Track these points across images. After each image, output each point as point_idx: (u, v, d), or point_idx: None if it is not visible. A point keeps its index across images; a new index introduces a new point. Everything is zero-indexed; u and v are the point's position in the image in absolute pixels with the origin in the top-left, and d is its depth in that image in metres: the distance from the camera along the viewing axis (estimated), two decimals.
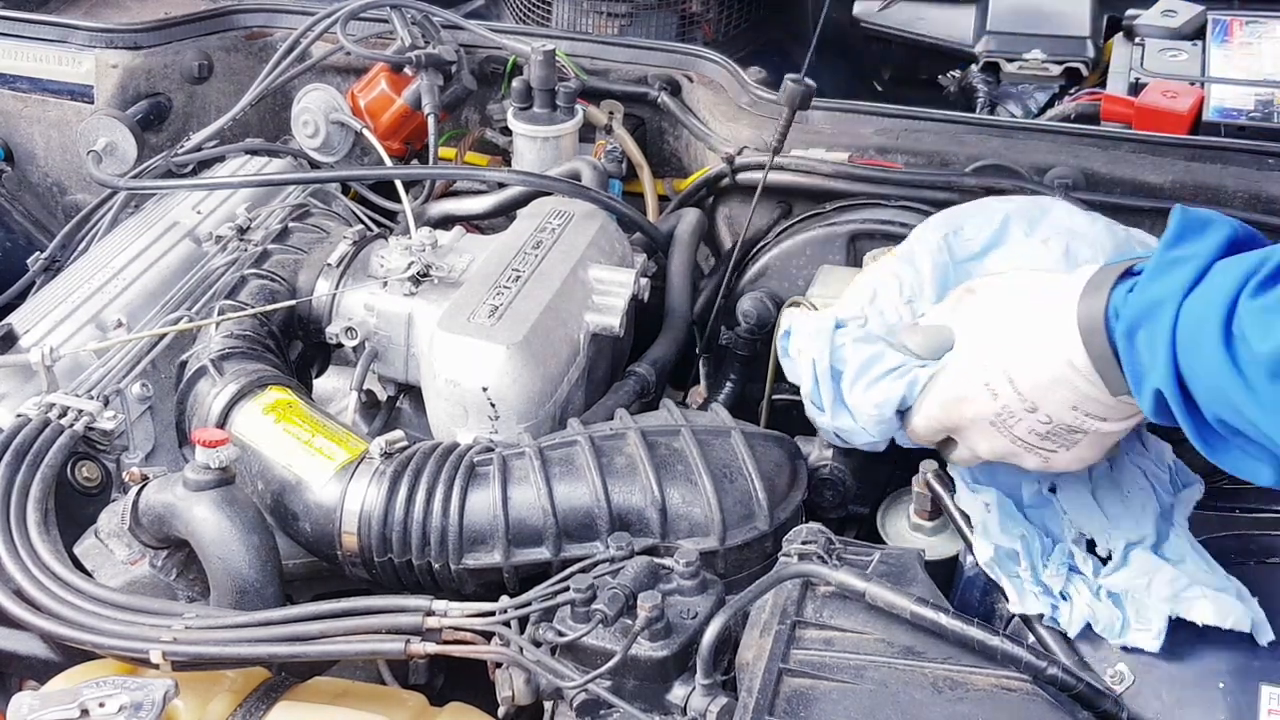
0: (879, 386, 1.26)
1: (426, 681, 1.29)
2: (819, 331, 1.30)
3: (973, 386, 1.15)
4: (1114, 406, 1.10)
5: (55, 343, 1.45)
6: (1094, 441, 1.14)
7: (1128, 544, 1.21)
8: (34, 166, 2.11)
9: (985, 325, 1.17)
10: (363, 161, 1.97)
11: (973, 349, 1.17)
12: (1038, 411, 1.12)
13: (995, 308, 1.18)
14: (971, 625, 1.05)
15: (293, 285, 1.57)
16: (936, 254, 1.32)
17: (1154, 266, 1.03)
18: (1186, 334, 0.98)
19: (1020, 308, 1.14)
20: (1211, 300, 0.98)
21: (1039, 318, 1.11)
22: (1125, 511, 1.23)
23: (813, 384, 1.30)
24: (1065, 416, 1.11)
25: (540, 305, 1.44)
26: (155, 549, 1.27)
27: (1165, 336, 0.99)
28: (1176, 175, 1.70)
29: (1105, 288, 1.06)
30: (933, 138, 1.80)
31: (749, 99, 1.90)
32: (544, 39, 1.94)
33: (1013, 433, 1.15)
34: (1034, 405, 1.12)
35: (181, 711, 1.11)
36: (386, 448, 1.31)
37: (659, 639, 1.08)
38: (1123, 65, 2.05)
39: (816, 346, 1.29)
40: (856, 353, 1.28)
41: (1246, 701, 1.10)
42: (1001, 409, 1.14)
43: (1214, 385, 0.97)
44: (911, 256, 1.33)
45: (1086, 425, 1.12)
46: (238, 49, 2.11)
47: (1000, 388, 1.13)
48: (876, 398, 1.25)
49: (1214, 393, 0.98)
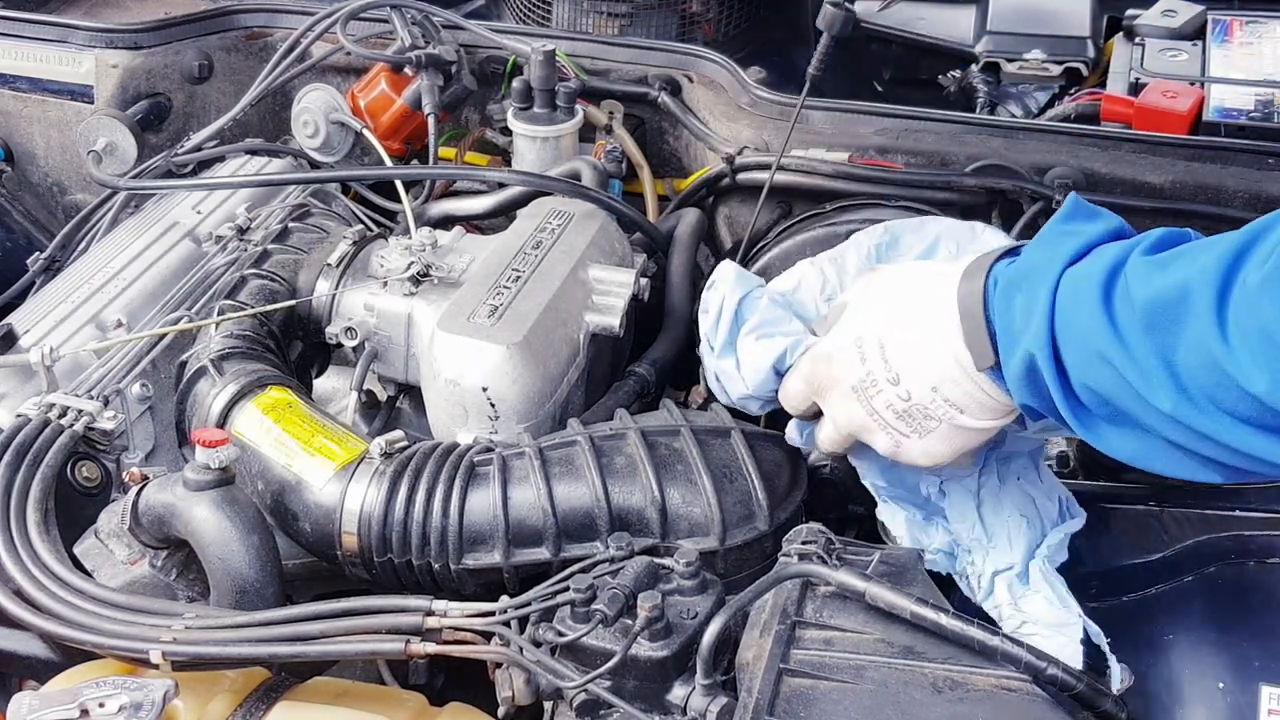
0: (768, 341, 1.28)
1: (426, 681, 1.29)
2: (741, 279, 1.32)
3: (843, 345, 1.17)
4: (974, 395, 1.10)
5: (55, 343, 1.45)
6: (947, 435, 1.14)
7: (995, 570, 1.22)
8: (34, 166, 2.11)
9: (871, 295, 1.19)
10: (363, 161, 1.97)
11: (853, 311, 1.19)
12: (899, 385, 1.12)
13: (887, 283, 1.19)
14: (971, 625, 1.05)
15: (293, 285, 1.57)
16: (864, 260, 1.34)
17: (1041, 237, 1.05)
18: (1065, 297, 0.99)
19: (908, 283, 1.16)
20: (1094, 265, 0.99)
21: (921, 291, 1.12)
22: (1001, 534, 1.24)
23: (714, 321, 1.32)
24: (924, 396, 1.12)
25: (540, 305, 1.44)
26: (155, 549, 1.27)
27: (1044, 299, 1.00)
28: (1176, 175, 1.70)
29: (988, 261, 1.08)
30: (933, 138, 1.80)
31: (749, 99, 1.90)
32: (544, 39, 1.95)
33: (871, 404, 1.15)
34: (896, 377, 1.12)
35: (181, 711, 1.11)
36: (386, 448, 1.31)
37: (659, 639, 1.08)
38: (1123, 65, 2.05)
39: (732, 290, 1.31)
40: (765, 309, 1.29)
41: (1246, 701, 1.11)
42: (865, 375, 1.15)
43: (1088, 346, 0.97)
44: (841, 258, 1.34)
45: (943, 413, 1.12)
46: (238, 49, 2.11)
47: (869, 351, 1.14)
48: (761, 349, 1.27)
49: (1088, 355, 0.98)
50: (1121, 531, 1.32)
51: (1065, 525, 1.26)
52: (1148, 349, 0.94)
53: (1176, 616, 1.20)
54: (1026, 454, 1.28)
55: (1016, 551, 1.23)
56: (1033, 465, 1.28)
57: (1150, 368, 0.94)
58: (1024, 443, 1.27)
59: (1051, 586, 1.20)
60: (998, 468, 1.27)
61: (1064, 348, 1.00)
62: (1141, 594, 1.25)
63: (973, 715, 1.00)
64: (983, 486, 1.25)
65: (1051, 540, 1.23)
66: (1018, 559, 1.22)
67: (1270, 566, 1.23)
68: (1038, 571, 1.22)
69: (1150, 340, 0.94)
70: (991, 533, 1.24)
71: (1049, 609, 1.18)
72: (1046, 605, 1.18)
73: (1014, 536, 1.23)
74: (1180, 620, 1.19)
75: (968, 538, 1.25)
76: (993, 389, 1.08)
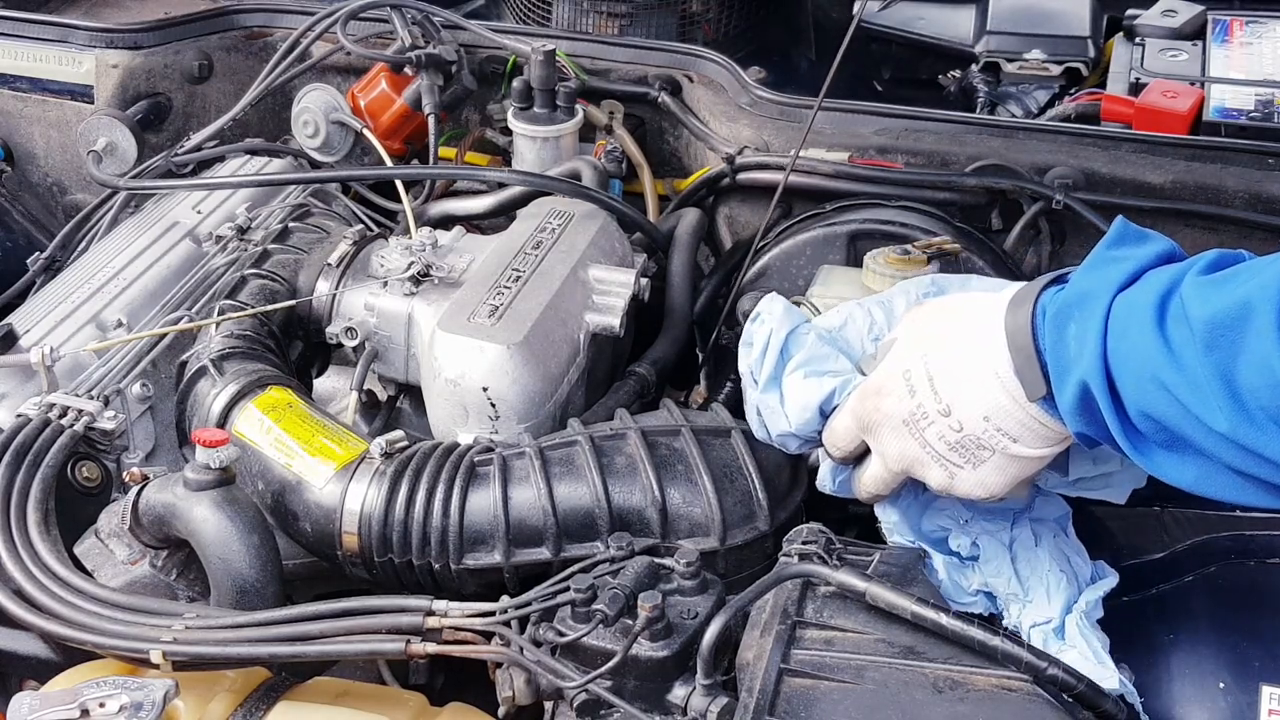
0: (815, 380, 1.25)
1: (427, 681, 1.30)
2: (789, 313, 1.30)
3: (892, 379, 1.15)
4: (1026, 424, 1.07)
5: (55, 343, 1.45)
6: (1001, 464, 1.11)
7: (1032, 624, 1.20)
8: (34, 166, 2.11)
9: (918, 328, 1.17)
10: (363, 161, 1.97)
11: (901, 344, 1.17)
12: (950, 416, 1.10)
13: (932, 314, 1.18)
14: (972, 625, 1.05)
15: (293, 285, 1.57)
16: (912, 304, 1.32)
17: (1089, 263, 1.03)
18: (1118, 322, 0.98)
19: (954, 314, 1.15)
20: (1147, 289, 0.98)
21: (968, 322, 1.11)
22: (1039, 588, 1.22)
23: (760, 354, 1.29)
24: (976, 427, 1.09)
25: (540, 305, 1.44)
26: (155, 549, 1.27)
27: (1096, 326, 0.99)
28: (1176, 175, 1.70)
29: (1035, 290, 1.06)
30: (933, 138, 1.80)
31: (749, 99, 1.89)
32: (544, 39, 1.95)
33: (923, 436, 1.12)
34: (948, 408, 1.10)
35: (181, 711, 1.11)
36: (387, 448, 1.31)
37: (659, 639, 1.08)
38: (1123, 65, 2.05)
39: (780, 323, 1.29)
40: (812, 346, 1.28)
41: (1246, 701, 1.11)
42: (916, 407, 1.12)
43: (1143, 371, 0.96)
44: (889, 301, 1.32)
45: (996, 442, 1.09)
46: (238, 49, 2.11)
47: (919, 384, 1.12)
48: (810, 387, 1.25)
49: (1143, 380, 0.96)
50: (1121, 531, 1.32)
51: (1102, 583, 1.24)
52: (1207, 369, 0.92)
53: (1176, 616, 1.20)
54: (1055, 519, 1.27)
55: (1054, 605, 1.20)
56: (1062, 528, 1.27)
57: (1208, 388, 0.92)
58: (1053, 508, 1.26)
59: (1088, 642, 1.18)
60: (1031, 525, 1.25)
61: (1118, 374, 0.98)
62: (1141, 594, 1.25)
63: (973, 715, 1.00)
64: (1015, 540, 1.23)
65: (1089, 596, 1.21)
66: (1055, 613, 1.20)
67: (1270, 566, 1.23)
68: (1074, 626, 1.20)
69: (1209, 360, 0.92)
70: (1028, 586, 1.22)
71: (1084, 664, 1.16)
72: (1082, 660, 1.16)
73: (1052, 591, 1.21)
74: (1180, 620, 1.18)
75: (1004, 591, 1.23)
76: (1046, 418, 1.06)
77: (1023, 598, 1.22)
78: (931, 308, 1.19)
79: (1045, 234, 1.74)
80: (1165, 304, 0.96)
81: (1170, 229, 1.71)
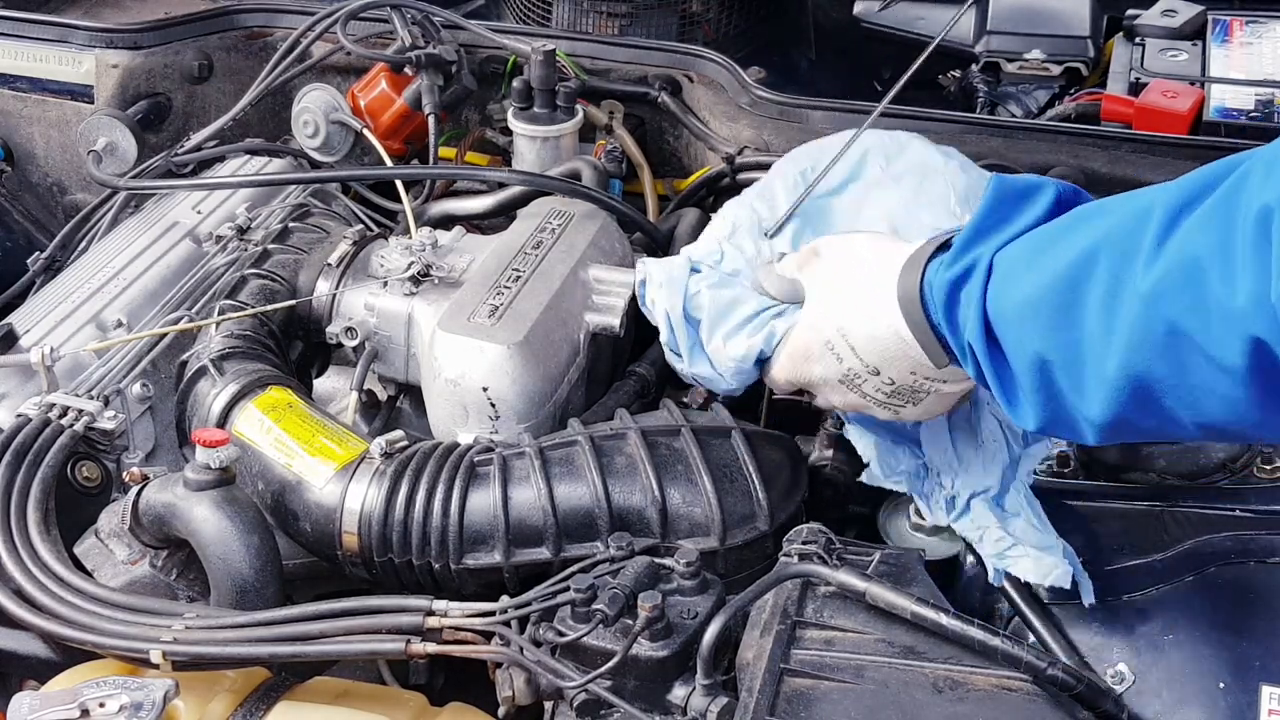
0: (738, 339, 1.29)
1: (427, 681, 1.30)
2: (671, 280, 1.33)
3: (818, 347, 1.20)
4: (946, 374, 1.13)
5: (55, 343, 1.45)
6: (939, 399, 1.18)
7: (972, 493, 1.23)
8: (34, 166, 2.11)
9: (826, 289, 1.21)
10: (363, 161, 1.97)
11: (815, 311, 1.22)
12: (880, 375, 1.16)
13: (835, 272, 1.21)
14: (971, 625, 1.05)
15: (293, 285, 1.57)
16: (793, 189, 1.34)
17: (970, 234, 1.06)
18: (1001, 270, 1.02)
19: (855, 276, 1.18)
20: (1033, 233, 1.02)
21: (869, 288, 1.15)
22: (976, 459, 1.26)
23: (668, 329, 1.34)
24: (906, 380, 1.16)
25: (540, 305, 1.44)
26: (155, 549, 1.27)
27: (978, 289, 1.02)
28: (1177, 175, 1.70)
29: (920, 263, 1.10)
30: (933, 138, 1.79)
31: (749, 99, 1.89)
32: (544, 39, 1.94)
33: (861, 390, 1.19)
34: (876, 369, 1.16)
35: (181, 711, 1.11)
36: (387, 448, 1.31)
37: (659, 639, 1.08)
38: (1123, 65, 2.05)
39: (669, 296, 1.32)
40: (712, 300, 1.30)
41: (1247, 701, 1.11)
42: (847, 371, 1.18)
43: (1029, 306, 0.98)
44: (769, 191, 1.34)
45: (928, 387, 1.16)
46: (238, 49, 2.11)
47: (843, 352, 1.17)
48: (735, 350, 1.29)
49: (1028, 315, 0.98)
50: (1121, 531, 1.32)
51: (1037, 448, 1.27)
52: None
53: (1176, 616, 1.20)
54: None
55: (992, 475, 1.25)
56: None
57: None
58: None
59: (1031, 508, 1.22)
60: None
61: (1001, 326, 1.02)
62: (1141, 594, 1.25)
63: (973, 715, 1.00)
64: (954, 412, 1.27)
65: (1027, 466, 1.26)
66: (994, 481, 1.24)
67: (1270, 566, 1.23)
68: (1019, 494, 1.23)
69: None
70: (964, 456, 1.26)
71: (1034, 532, 1.20)
72: (1031, 528, 1.20)
73: (989, 460, 1.26)
74: (1180, 620, 1.18)
75: (940, 460, 1.27)
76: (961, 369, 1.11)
77: (957, 466, 1.24)
78: (828, 260, 1.22)
79: None
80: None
81: None
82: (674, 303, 1.31)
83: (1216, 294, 0.85)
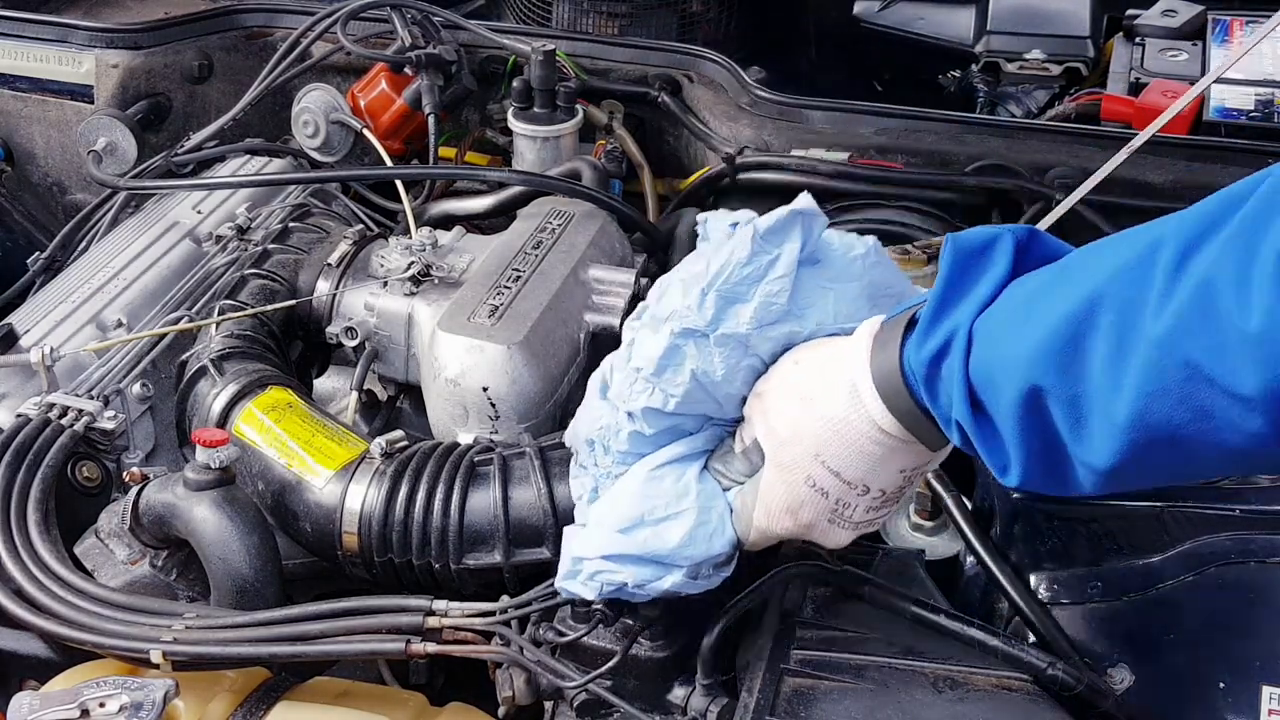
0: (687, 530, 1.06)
1: (427, 681, 1.30)
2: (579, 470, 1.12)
3: (799, 490, 1.03)
4: (938, 453, 1.02)
5: (55, 343, 1.45)
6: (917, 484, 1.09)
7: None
8: (34, 166, 2.11)
9: (785, 426, 1.03)
10: (363, 161, 1.97)
11: (781, 454, 1.03)
12: (870, 491, 1.02)
13: (785, 401, 1.03)
14: (971, 625, 1.05)
15: (293, 285, 1.57)
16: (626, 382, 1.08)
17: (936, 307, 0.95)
18: (984, 336, 0.92)
19: (809, 393, 1.01)
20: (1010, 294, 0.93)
21: (831, 399, 1.00)
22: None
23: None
24: (895, 484, 1.03)
25: (540, 305, 1.44)
26: (155, 549, 1.27)
27: (959, 360, 0.92)
28: (1176, 175, 1.71)
29: (890, 346, 0.97)
30: (933, 138, 1.80)
31: (749, 99, 1.90)
32: (544, 39, 1.95)
33: (852, 520, 1.05)
34: (865, 487, 1.02)
35: (181, 711, 1.11)
36: (387, 448, 1.31)
37: (659, 639, 1.08)
38: (1123, 65, 2.05)
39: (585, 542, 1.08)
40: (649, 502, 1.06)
41: (1247, 701, 1.11)
42: (835, 504, 1.03)
43: (1023, 364, 0.89)
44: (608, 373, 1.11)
45: (914, 478, 1.04)
46: (238, 49, 2.11)
47: (828, 484, 1.02)
48: (696, 539, 1.06)
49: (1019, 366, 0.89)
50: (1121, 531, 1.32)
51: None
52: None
53: (1176, 616, 1.20)
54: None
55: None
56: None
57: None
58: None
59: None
60: None
61: (985, 390, 0.92)
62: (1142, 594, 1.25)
63: (973, 715, 1.00)
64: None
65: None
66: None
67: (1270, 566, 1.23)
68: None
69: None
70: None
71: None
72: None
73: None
74: (1180, 620, 1.18)
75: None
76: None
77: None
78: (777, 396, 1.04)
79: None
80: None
81: None
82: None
83: (1235, 324, 0.78)
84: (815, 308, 1.05)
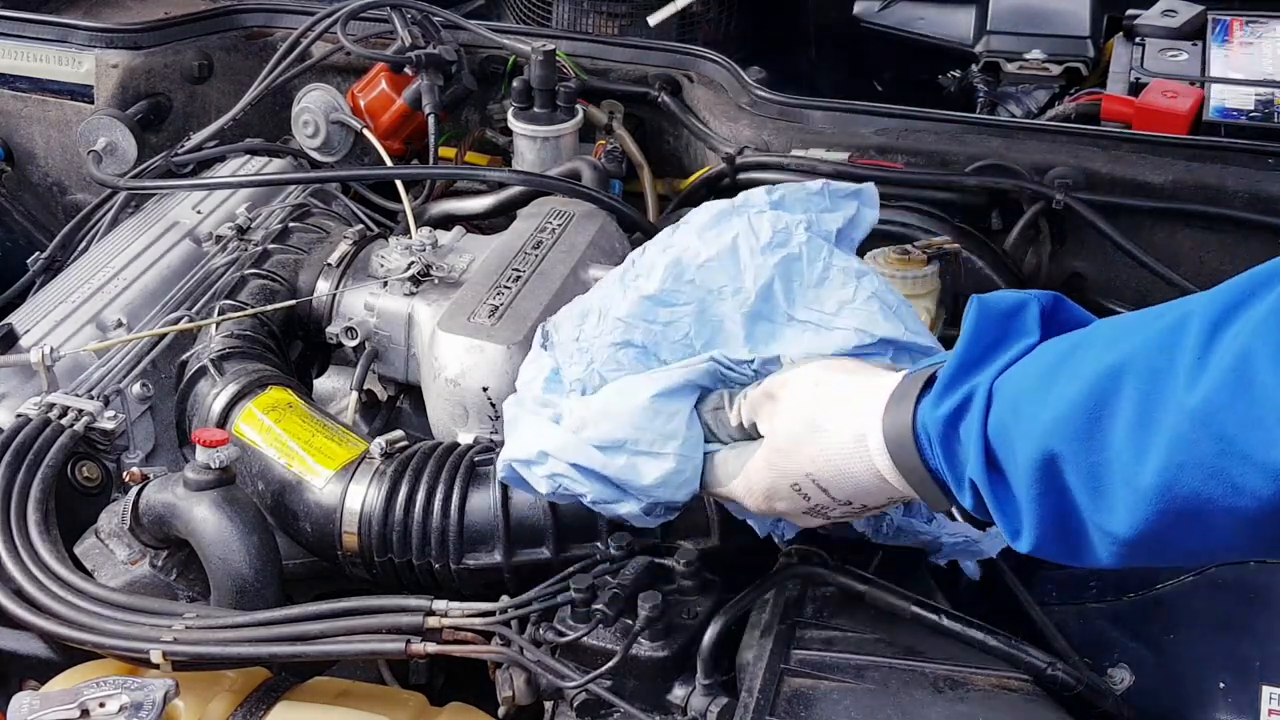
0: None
1: (427, 681, 1.30)
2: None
3: (782, 489, 1.04)
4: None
5: (55, 343, 1.45)
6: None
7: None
8: (34, 166, 2.11)
9: (788, 438, 1.04)
10: (363, 161, 1.97)
11: (777, 458, 1.04)
12: (853, 505, 1.03)
13: (797, 418, 1.04)
14: (972, 625, 1.05)
15: (293, 285, 1.57)
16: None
17: (956, 370, 0.94)
18: (1004, 396, 0.91)
19: (822, 423, 1.02)
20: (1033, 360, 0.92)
21: (843, 437, 1.00)
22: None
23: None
24: (882, 503, 1.03)
25: (540, 305, 1.44)
26: (155, 549, 1.27)
27: (978, 421, 0.91)
28: (1176, 175, 1.70)
29: (905, 402, 0.97)
30: (933, 138, 1.80)
31: (749, 99, 1.90)
32: (544, 39, 1.95)
33: (829, 517, 1.06)
34: (849, 500, 1.02)
35: (181, 711, 1.11)
36: (387, 448, 1.31)
37: (659, 639, 1.08)
38: (1123, 65, 2.05)
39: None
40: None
41: (1247, 701, 1.11)
42: (815, 505, 1.04)
43: (1044, 427, 0.87)
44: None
45: (900, 500, 1.04)
46: (238, 49, 2.11)
47: (811, 492, 1.03)
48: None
49: (1038, 430, 0.88)
50: None
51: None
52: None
53: (1177, 616, 1.20)
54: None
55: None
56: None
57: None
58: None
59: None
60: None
61: (1003, 452, 0.91)
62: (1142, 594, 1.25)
63: (973, 715, 1.00)
64: None
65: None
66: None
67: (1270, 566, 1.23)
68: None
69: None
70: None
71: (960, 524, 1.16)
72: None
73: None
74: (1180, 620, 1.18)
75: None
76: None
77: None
78: (791, 408, 1.05)
79: (1045, 234, 1.74)
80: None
81: (1170, 229, 1.71)
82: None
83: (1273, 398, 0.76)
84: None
